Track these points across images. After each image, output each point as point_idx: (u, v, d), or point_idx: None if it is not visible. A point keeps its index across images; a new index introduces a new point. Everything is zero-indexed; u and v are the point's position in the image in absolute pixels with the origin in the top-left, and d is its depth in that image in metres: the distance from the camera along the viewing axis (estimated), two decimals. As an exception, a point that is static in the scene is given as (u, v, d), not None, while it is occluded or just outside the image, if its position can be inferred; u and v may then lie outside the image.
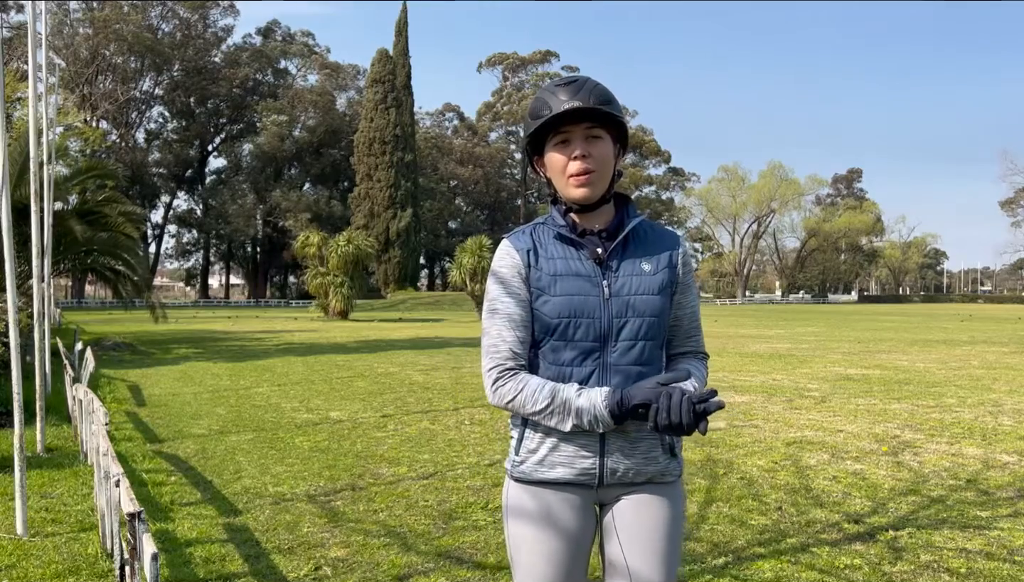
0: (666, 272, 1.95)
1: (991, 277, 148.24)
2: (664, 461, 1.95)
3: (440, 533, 4.60)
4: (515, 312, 1.91)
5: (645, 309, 1.90)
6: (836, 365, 14.93)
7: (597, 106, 1.84)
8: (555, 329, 1.89)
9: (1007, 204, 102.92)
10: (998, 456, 6.67)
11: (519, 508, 1.95)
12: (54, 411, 8.82)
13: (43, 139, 10.33)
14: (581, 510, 1.93)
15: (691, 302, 2.03)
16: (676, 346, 2.05)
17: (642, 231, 1.99)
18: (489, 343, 1.92)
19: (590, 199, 1.90)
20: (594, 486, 1.92)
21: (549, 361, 1.91)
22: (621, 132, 1.95)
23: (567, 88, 1.86)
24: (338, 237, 38.71)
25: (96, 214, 17.46)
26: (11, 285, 5.32)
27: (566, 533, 1.91)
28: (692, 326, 2.05)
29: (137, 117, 72.37)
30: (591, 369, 1.88)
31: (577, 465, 1.90)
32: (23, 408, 4.88)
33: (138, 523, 2.77)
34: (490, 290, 1.95)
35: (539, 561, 1.91)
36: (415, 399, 10.28)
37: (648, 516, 1.93)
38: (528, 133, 1.93)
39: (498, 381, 1.89)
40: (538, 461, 1.92)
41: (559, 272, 1.90)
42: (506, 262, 1.94)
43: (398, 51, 67.40)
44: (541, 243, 1.95)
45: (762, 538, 4.50)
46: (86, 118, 54.83)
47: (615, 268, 1.92)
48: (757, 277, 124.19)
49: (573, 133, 1.88)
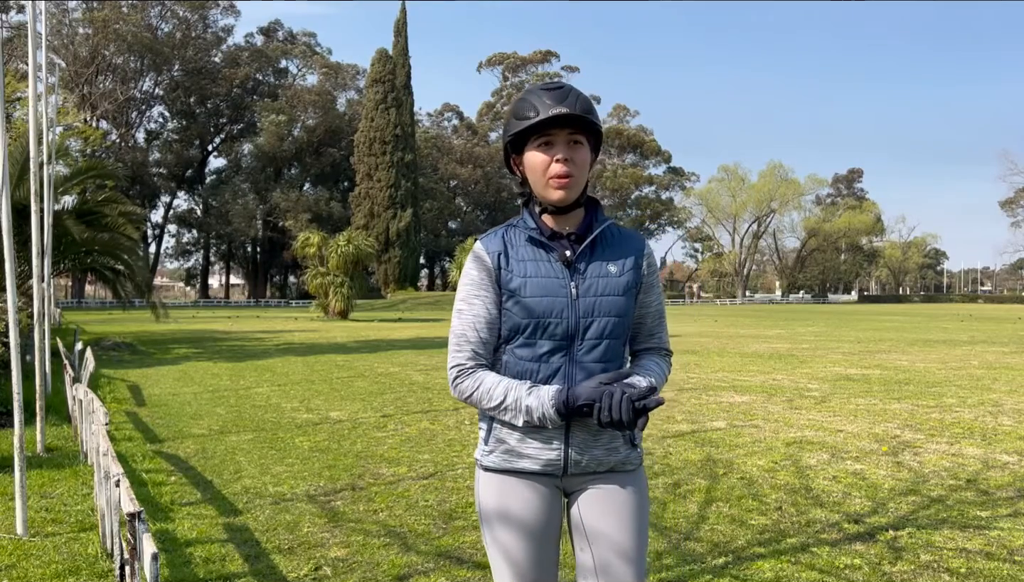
0: (631, 274, 2.05)
1: (991, 277, 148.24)
2: (625, 451, 2.05)
3: (440, 533, 4.61)
4: (481, 313, 2.01)
5: (610, 309, 2.00)
6: (836, 365, 14.93)
7: (583, 114, 1.94)
8: (525, 328, 1.99)
9: (1007, 204, 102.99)
10: (998, 456, 6.67)
11: (490, 497, 2.05)
12: (54, 411, 8.82)
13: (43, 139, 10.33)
14: (548, 498, 2.04)
15: (655, 301, 2.14)
16: (640, 343, 2.16)
17: (609, 234, 2.09)
18: (453, 342, 2.03)
19: (567, 201, 1.99)
20: (559, 475, 2.03)
21: (518, 357, 2.00)
22: (597, 141, 2.05)
23: (554, 93, 1.96)
24: (338, 237, 38.69)
25: (96, 214, 17.46)
26: (11, 285, 5.32)
27: (535, 519, 2.01)
28: (655, 324, 2.16)
29: (137, 117, 72.37)
30: (557, 366, 1.99)
31: (543, 456, 2.00)
32: (23, 408, 4.88)
33: (138, 523, 2.77)
34: (459, 290, 2.06)
35: (511, 546, 2.01)
36: (415, 399, 10.28)
37: (613, 507, 2.03)
38: (512, 133, 2.00)
39: (457, 379, 2.01)
40: (506, 451, 2.02)
41: (529, 274, 2.00)
42: (477, 264, 2.03)
43: (398, 51, 67.40)
44: (512, 245, 2.04)
45: (762, 538, 4.50)
46: (86, 118, 54.85)
47: (583, 270, 2.01)
48: (757, 277, 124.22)
49: (557, 137, 1.97)
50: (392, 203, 65.05)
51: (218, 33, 74.33)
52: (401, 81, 66.50)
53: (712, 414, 8.93)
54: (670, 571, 3.99)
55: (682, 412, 9.05)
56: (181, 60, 70.48)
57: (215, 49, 74.56)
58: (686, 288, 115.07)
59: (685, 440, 7.39)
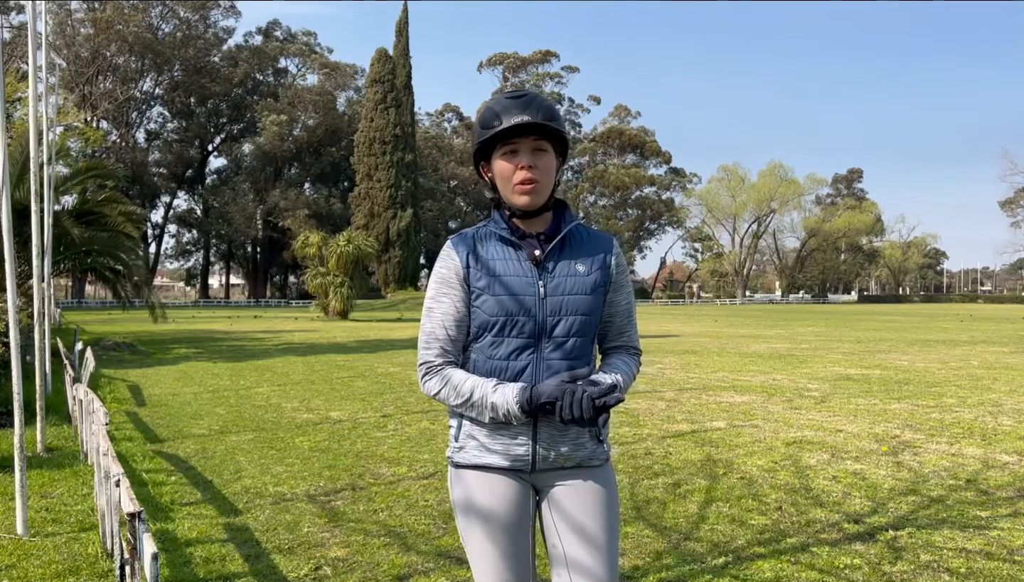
0: (599, 273, 2.09)
1: (991, 277, 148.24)
2: (591, 447, 2.09)
3: (440, 533, 4.61)
4: (449, 312, 2.05)
5: (577, 307, 2.04)
6: (836, 365, 14.93)
7: (544, 122, 1.99)
8: (493, 326, 2.03)
9: (1007, 204, 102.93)
10: (998, 456, 6.67)
11: (463, 493, 2.09)
12: (54, 411, 8.82)
13: (43, 139, 10.33)
14: (519, 493, 2.07)
15: (624, 300, 2.17)
16: (609, 341, 2.19)
17: (578, 234, 2.13)
18: (422, 340, 2.09)
19: (532, 206, 2.04)
20: (528, 471, 2.07)
21: (487, 355, 2.04)
22: (563, 146, 2.10)
23: (517, 102, 2.00)
24: (338, 237, 38.70)
25: (96, 214, 17.46)
26: (11, 285, 5.32)
27: (507, 514, 2.05)
28: (624, 323, 2.18)
29: (137, 117, 72.35)
30: (525, 363, 2.02)
31: (512, 452, 2.04)
32: (23, 408, 4.88)
33: (138, 523, 2.77)
34: (429, 289, 2.12)
35: (486, 540, 2.05)
36: (415, 399, 10.28)
37: (582, 503, 2.07)
38: (478, 141, 2.06)
39: (426, 376, 2.07)
40: (476, 448, 2.06)
41: (498, 272, 2.04)
42: (446, 263, 2.08)
43: (398, 51, 67.39)
44: (482, 244, 2.09)
45: (762, 538, 4.50)
46: (86, 118, 54.81)
47: (551, 269, 2.06)
48: (757, 277, 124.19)
49: (521, 145, 2.02)
50: (392, 203, 65.04)
51: (218, 33, 74.33)
52: (401, 81, 66.48)
53: (712, 414, 8.92)
54: (670, 571, 3.99)
55: (682, 412, 9.05)
56: (181, 60, 70.46)
57: (215, 49, 74.54)
58: (686, 288, 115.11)
59: (685, 440, 7.39)
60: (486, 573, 2.04)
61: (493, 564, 2.03)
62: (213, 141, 79.11)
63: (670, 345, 20.56)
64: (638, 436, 7.58)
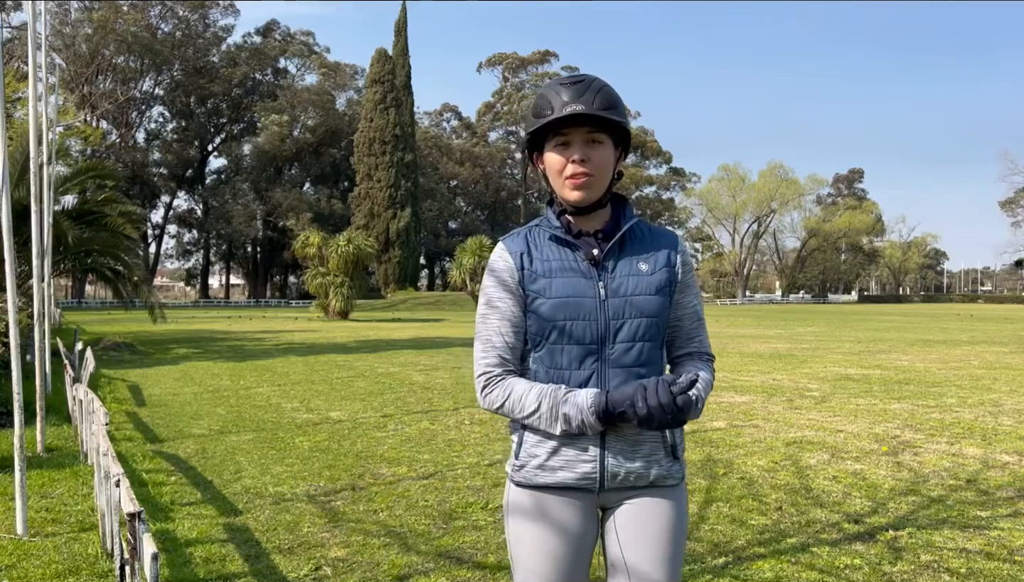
0: (664, 272, 1.93)
1: (991, 277, 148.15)
2: (667, 464, 1.93)
3: (440, 533, 4.60)
4: (507, 317, 1.90)
5: (643, 309, 1.88)
6: (836, 365, 14.93)
7: (599, 112, 1.82)
8: (551, 331, 1.87)
9: (1007, 204, 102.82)
10: (998, 456, 6.67)
11: (520, 512, 1.93)
12: (54, 411, 8.81)
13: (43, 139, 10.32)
14: (583, 514, 1.91)
15: (692, 302, 2.00)
16: (679, 347, 2.03)
17: (639, 231, 1.97)
18: (479, 348, 1.93)
19: (585, 202, 1.89)
20: (595, 490, 1.90)
21: (547, 365, 1.89)
22: (623, 136, 1.93)
23: (571, 89, 1.84)
24: (338, 237, 38.70)
25: (96, 214, 17.46)
26: (11, 285, 5.32)
27: (567, 536, 1.89)
28: (694, 326, 2.02)
29: (137, 117, 72.33)
30: (589, 372, 1.87)
31: (578, 469, 1.87)
32: (23, 408, 4.88)
33: (138, 523, 2.77)
34: (482, 294, 1.96)
35: (540, 564, 1.89)
36: (415, 399, 10.28)
37: (650, 518, 1.91)
38: (529, 131, 1.91)
39: (486, 388, 1.90)
40: (538, 465, 1.89)
41: (554, 273, 1.89)
42: (499, 265, 1.93)
43: (397, 51, 67.37)
44: (536, 245, 1.93)
45: (762, 538, 4.50)
46: (86, 118, 54.78)
47: (611, 269, 1.90)
48: (757, 277, 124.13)
49: (573, 136, 1.86)
50: (392, 203, 65.03)
51: (218, 33, 74.31)
52: (401, 81, 66.47)
53: (712, 414, 8.92)
54: (670, 571, 3.98)
55: (682, 412, 9.04)
56: (181, 60, 70.45)
57: (215, 49, 74.52)
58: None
59: (685, 440, 7.37)
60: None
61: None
62: (213, 141, 79.08)
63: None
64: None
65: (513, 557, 1.95)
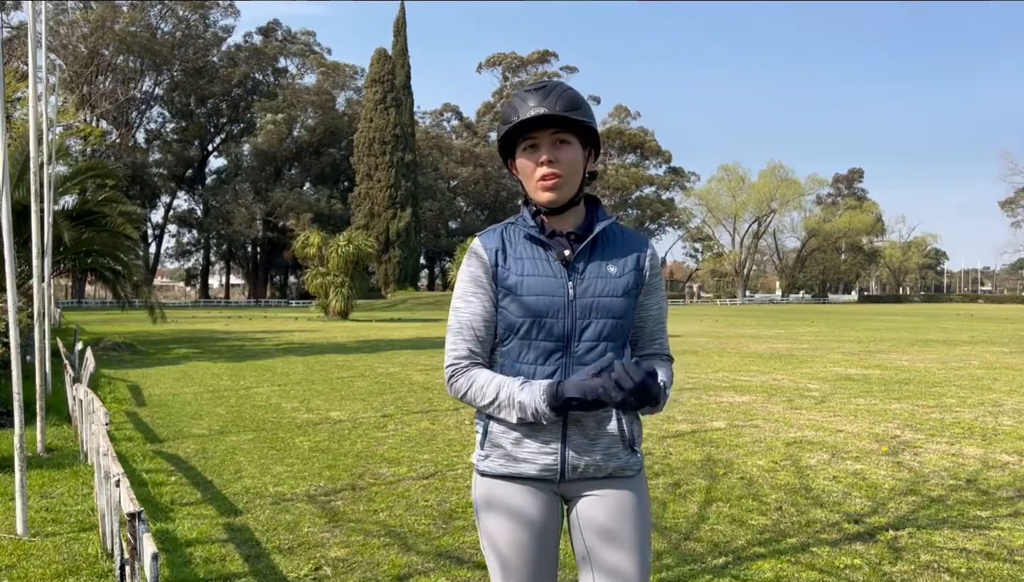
0: (632, 275, 2.00)
1: (991, 277, 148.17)
2: (625, 456, 2.00)
3: (440, 533, 4.60)
4: (478, 311, 1.97)
5: (608, 311, 1.95)
6: (836, 365, 14.93)
7: (562, 113, 1.88)
8: (519, 327, 1.94)
9: (1007, 204, 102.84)
10: (998, 456, 6.67)
11: (487, 502, 2.00)
12: (54, 411, 8.82)
13: (43, 139, 10.32)
14: (546, 503, 1.99)
15: (656, 304, 2.08)
16: (641, 347, 2.10)
17: (611, 234, 2.04)
18: (450, 340, 2.00)
19: (556, 202, 1.95)
20: (556, 481, 1.97)
21: (513, 359, 1.96)
22: (590, 136, 1.99)
23: (535, 94, 1.91)
24: (338, 237, 38.70)
25: (96, 214, 17.46)
26: (11, 285, 5.32)
27: (533, 525, 1.97)
28: (656, 328, 2.10)
29: (137, 117, 72.32)
30: (553, 369, 1.94)
31: (539, 461, 1.95)
32: (23, 408, 4.88)
33: (138, 523, 2.77)
34: (457, 287, 2.03)
35: (509, 552, 1.96)
36: (415, 399, 10.28)
37: (612, 510, 1.98)
38: (499, 138, 1.99)
39: (452, 377, 1.97)
40: (502, 456, 1.97)
41: (526, 272, 1.95)
42: (475, 260, 2.00)
43: (397, 51, 67.39)
44: (511, 242, 2.00)
45: (762, 538, 4.50)
46: (86, 118, 54.77)
47: (581, 270, 1.96)
48: (757, 277, 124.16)
49: (540, 138, 1.93)
50: (392, 203, 65.05)
51: (218, 33, 74.32)
52: (401, 81, 66.48)
53: (712, 414, 8.92)
54: (670, 571, 3.99)
55: (682, 412, 9.05)
56: (181, 60, 70.44)
57: (215, 49, 74.52)
58: (686, 288, 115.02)
59: (685, 440, 7.39)
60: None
61: (515, 576, 1.96)
62: (213, 141, 79.10)
63: (670, 345, 20.54)
64: (638, 436, 7.57)
65: (485, 546, 2.03)
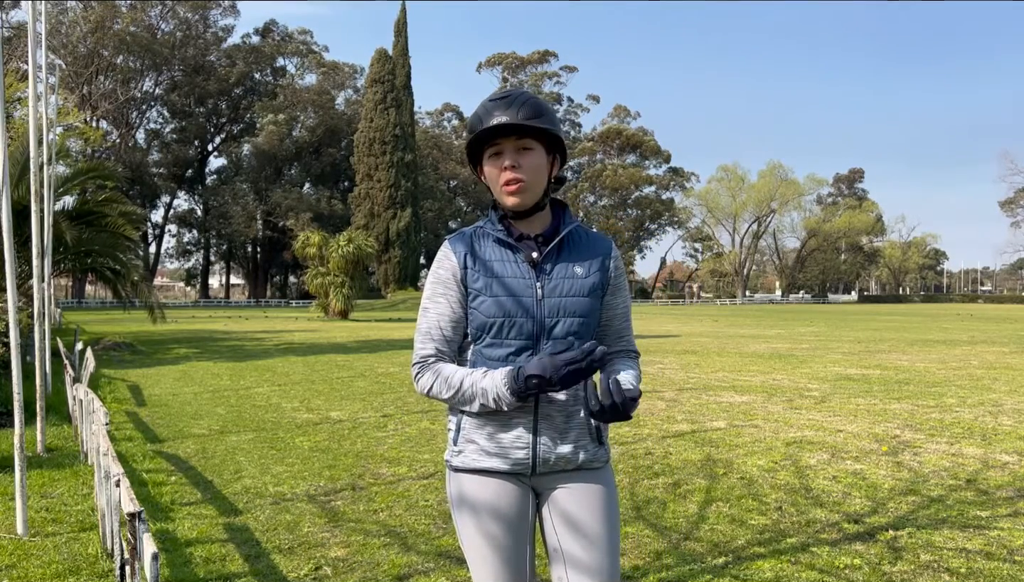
0: (597, 275, 2.08)
1: (991, 277, 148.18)
2: (592, 449, 2.07)
3: (440, 533, 4.61)
4: (445, 312, 2.05)
5: (575, 309, 2.02)
6: (836, 365, 14.93)
7: (523, 122, 1.95)
8: (490, 327, 2.01)
9: (1007, 204, 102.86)
10: (998, 456, 6.67)
11: (461, 497, 2.06)
12: (54, 411, 8.82)
13: (43, 139, 10.33)
14: (518, 497, 2.05)
15: (622, 303, 2.17)
16: (608, 344, 2.16)
17: (577, 236, 2.12)
18: (418, 340, 2.08)
19: (521, 206, 2.02)
20: (528, 474, 2.05)
21: (485, 357, 2.02)
22: (554, 143, 2.05)
23: (499, 103, 1.99)
24: (338, 237, 38.70)
25: (96, 214, 17.47)
26: (11, 285, 5.32)
27: (506, 519, 2.03)
28: (623, 326, 2.18)
29: (137, 117, 72.34)
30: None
31: (511, 455, 2.01)
32: (23, 408, 4.88)
33: (138, 523, 2.77)
34: (426, 289, 2.10)
35: (485, 546, 2.02)
36: (415, 399, 10.28)
37: (581, 503, 2.05)
38: (465, 146, 2.07)
39: (418, 374, 2.04)
40: (475, 451, 2.03)
41: (495, 274, 2.03)
42: (443, 263, 2.07)
43: (397, 51, 67.38)
44: (480, 245, 2.07)
45: (762, 538, 4.50)
46: (86, 118, 54.77)
47: (549, 271, 2.04)
48: (757, 277, 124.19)
49: (504, 145, 2.00)
50: (392, 203, 65.05)
51: (218, 33, 74.31)
52: (401, 81, 66.48)
53: (712, 414, 8.93)
54: (670, 571, 3.99)
55: (682, 412, 9.05)
56: (181, 60, 70.43)
57: (214, 48, 74.50)
58: (686, 288, 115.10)
59: (685, 440, 7.39)
60: (485, 577, 2.03)
61: (492, 568, 2.02)
62: (213, 141, 79.12)
63: (670, 345, 20.55)
64: (638, 436, 7.58)
65: (461, 540, 2.08)
